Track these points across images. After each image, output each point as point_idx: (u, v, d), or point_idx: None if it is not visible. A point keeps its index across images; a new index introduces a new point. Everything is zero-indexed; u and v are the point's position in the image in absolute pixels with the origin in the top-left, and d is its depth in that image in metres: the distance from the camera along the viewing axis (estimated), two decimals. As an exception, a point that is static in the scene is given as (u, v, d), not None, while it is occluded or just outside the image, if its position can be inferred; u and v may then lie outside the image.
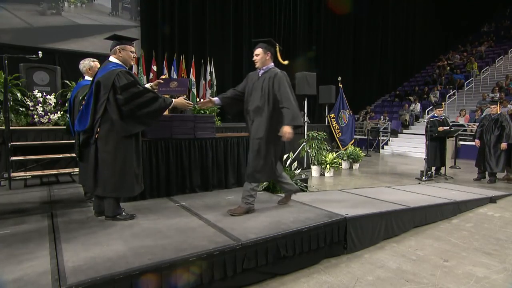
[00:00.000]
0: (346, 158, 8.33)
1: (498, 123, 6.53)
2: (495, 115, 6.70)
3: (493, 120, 6.66)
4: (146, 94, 2.93)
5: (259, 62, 3.35)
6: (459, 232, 3.86)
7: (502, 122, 6.48)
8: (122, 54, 3.02)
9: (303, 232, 2.87)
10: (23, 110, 5.27)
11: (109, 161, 2.90)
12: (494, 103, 6.94)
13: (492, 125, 6.62)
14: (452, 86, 16.30)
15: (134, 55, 3.14)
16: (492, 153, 6.59)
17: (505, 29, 20.80)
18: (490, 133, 6.66)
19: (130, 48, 3.06)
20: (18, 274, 2.00)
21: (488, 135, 6.69)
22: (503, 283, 2.65)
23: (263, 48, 3.32)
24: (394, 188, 5.32)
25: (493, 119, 6.66)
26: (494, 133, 6.60)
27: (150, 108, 2.94)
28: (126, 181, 2.98)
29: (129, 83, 2.86)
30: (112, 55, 3.04)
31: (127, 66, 3.09)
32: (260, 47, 3.33)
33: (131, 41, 3.11)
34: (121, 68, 2.96)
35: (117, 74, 2.86)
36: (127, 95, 2.84)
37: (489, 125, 6.69)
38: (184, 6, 12.25)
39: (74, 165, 5.10)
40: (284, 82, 3.21)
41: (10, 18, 9.43)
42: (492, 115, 6.75)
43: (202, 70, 11.76)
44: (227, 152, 4.55)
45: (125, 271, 2.05)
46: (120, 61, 3.02)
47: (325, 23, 16.76)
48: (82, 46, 10.40)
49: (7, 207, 3.52)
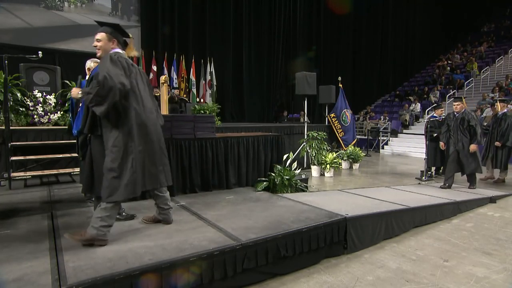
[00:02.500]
0: (346, 158, 8.32)
1: (465, 123, 5.67)
2: (459, 114, 5.82)
3: (458, 119, 5.79)
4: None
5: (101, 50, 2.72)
6: (459, 232, 3.86)
7: (469, 121, 5.64)
8: None
9: (303, 232, 2.87)
10: (23, 110, 5.27)
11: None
12: (457, 99, 6.02)
13: (459, 125, 5.75)
14: (452, 86, 16.30)
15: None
16: (465, 155, 5.63)
17: (505, 29, 20.80)
18: (457, 134, 5.73)
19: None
20: (18, 274, 2.00)
21: (455, 137, 5.75)
22: (503, 283, 2.65)
23: (107, 33, 2.73)
24: (394, 188, 5.32)
25: (458, 119, 5.80)
26: (464, 135, 5.66)
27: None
28: None
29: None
30: None
31: None
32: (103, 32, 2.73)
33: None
34: None
35: None
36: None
37: (455, 125, 5.81)
38: (184, 6, 12.26)
39: (74, 165, 5.11)
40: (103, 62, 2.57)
41: (10, 18, 9.43)
42: (456, 113, 5.87)
43: (202, 70, 11.77)
44: (227, 152, 4.55)
45: (125, 271, 2.05)
46: None
47: (325, 23, 16.76)
48: (82, 46, 10.40)
49: (7, 207, 3.52)
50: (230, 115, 13.33)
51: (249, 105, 14.26)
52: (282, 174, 4.62)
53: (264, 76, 14.90)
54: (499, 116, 6.88)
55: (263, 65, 14.81)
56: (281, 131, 7.73)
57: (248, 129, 7.39)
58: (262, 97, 14.85)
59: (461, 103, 5.89)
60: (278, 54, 15.21)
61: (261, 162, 4.89)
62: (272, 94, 15.27)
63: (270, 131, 7.18)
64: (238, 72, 13.93)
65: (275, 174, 4.65)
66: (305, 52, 15.73)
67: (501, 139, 6.63)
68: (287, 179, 4.59)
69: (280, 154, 5.11)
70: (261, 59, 14.71)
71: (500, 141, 6.64)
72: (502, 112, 6.90)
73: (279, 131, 7.57)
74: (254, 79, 14.46)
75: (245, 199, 3.98)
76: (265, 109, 15.01)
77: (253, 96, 14.38)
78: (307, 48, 15.98)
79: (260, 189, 4.50)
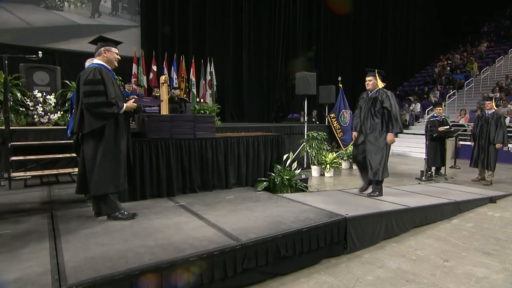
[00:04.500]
0: (346, 158, 8.32)
1: (378, 105, 4.28)
2: (372, 93, 4.40)
3: (370, 100, 4.38)
4: (101, 97, 2.92)
5: None
6: (459, 232, 3.85)
7: (383, 102, 4.21)
8: (107, 55, 3.12)
9: (303, 232, 2.87)
10: (23, 110, 5.27)
11: (90, 159, 2.95)
12: (370, 74, 4.44)
13: (370, 107, 4.37)
14: (452, 86, 16.30)
15: (118, 57, 3.22)
16: (373, 149, 4.34)
17: (505, 29, 20.79)
18: (367, 120, 4.38)
19: (114, 49, 3.16)
20: (18, 274, 2.00)
21: (366, 124, 4.42)
22: (503, 283, 2.65)
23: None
24: (394, 188, 5.32)
25: (371, 99, 4.38)
26: (374, 117, 4.32)
27: (98, 111, 2.91)
28: (112, 178, 3.01)
29: (95, 79, 2.92)
30: (97, 56, 3.14)
31: (111, 66, 3.17)
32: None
33: (116, 43, 3.20)
34: (100, 66, 3.03)
35: (91, 70, 2.95)
36: (87, 89, 2.91)
37: (366, 107, 4.44)
38: (184, 6, 12.26)
39: (74, 165, 5.10)
40: None
41: (10, 18, 9.43)
42: (370, 92, 4.46)
43: (202, 70, 11.77)
44: (227, 152, 4.55)
45: (125, 271, 2.05)
46: (104, 62, 3.11)
47: (324, 23, 16.77)
48: (82, 46, 10.37)
49: (7, 207, 3.52)
50: (230, 115, 13.33)
51: (249, 105, 14.25)
52: (282, 174, 4.62)
53: (264, 76, 14.90)
54: (488, 115, 6.60)
55: (263, 65, 14.81)
56: (281, 131, 7.73)
57: (248, 129, 7.39)
58: (262, 97, 14.85)
59: (373, 78, 4.36)
60: (278, 54, 15.21)
61: (261, 162, 4.89)
62: (272, 94, 15.27)
63: (270, 131, 7.18)
64: (238, 72, 13.92)
65: (275, 174, 4.65)
66: (305, 52, 15.72)
67: (499, 140, 6.34)
68: (287, 179, 4.59)
69: (280, 154, 5.10)
70: (261, 59, 14.70)
71: (499, 142, 6.35)
72: (491, 112, 6.61)
73: (279, 131, 7.57)
74: (254, 79, 14.46)
75: (245, 199, 3.97)
76: (265, 109, 15.01)
77: (253, 96, 14.38)
78: (307, 48, 15.97)
79: (260, 189, 4.50)
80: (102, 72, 2.98)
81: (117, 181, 3.06)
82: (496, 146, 6.39)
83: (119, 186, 3.10)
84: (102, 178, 2.97)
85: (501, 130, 6.37)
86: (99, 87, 2.92)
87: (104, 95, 2.93)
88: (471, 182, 6.76)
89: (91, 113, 2.90)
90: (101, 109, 2.92)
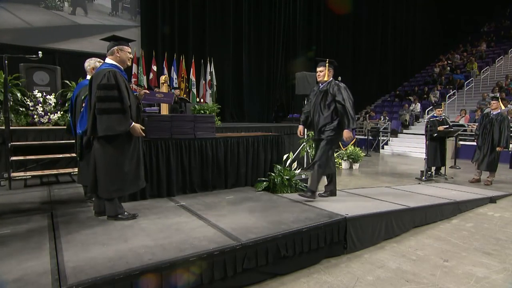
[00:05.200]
0: (346, 158, 8.32)
1: (328, 98, 3.98)
2: (323, 85, 4.09)
3: (321, 93, 4.07)
4: (116, 103, 2.88)
5: None
6: (459, 232, 3.86)
7: (335, 95, 3.92)
8: (120, 55, 3.06)
9: (303, 232, 2.87)
10: (23, 110, 5.27)
11: (103, 161, 2.93)
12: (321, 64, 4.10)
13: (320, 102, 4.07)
14: (452, 86, 16.30)
15: (131, 56, 3.17)
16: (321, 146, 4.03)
17: (505, 29, 20.80)
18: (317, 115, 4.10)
19: (127, 49, 3.11)
20: (18, 274, 2.00)
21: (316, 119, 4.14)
22: (503, 283, 2.65)
23: None
24: (394, 188, 5.32)
25: (321, 92, 4.07)
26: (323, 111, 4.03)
27: (111, 117, 2.87)
28: (123, 181, 2.99)
29: (109, 84, 2.88)
30: (109, 56, 3.07)
31: (124, 66, 3.13)
32: None
33: (129, 42, 3.16)
34: (114, 68, 2.99)
35: (105, 73, 2.90)
36: (101, 94, 2.87)
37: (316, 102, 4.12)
38: (184, 6, 12.25)
39: (74, 165, 5.10)
40: None
41: (10, 18, 9.43)
42: (321, 84, 4.13)
43: (202, 70, 11.76)
44: (227, 152, 4.55)
45: (125, 271, 2.05)
46: (116, 62, 3.06)
47: (324, 23, 16.76)
48: (82, 46, 10.41)
49: (7, 207, 3.52)
50: (230, 115, 13.33)
51: (249, 105, 14.25)
52: (282, 174, 4.62)
53: (264, 76, 14.89)
54: (492, 116, 6.54)
55: (263, 65, 14.80)
56: (281, 131, 7.73)
57: (248, 129, 7.40)
58: (262, 97, 14.85)
59: (324, 69, 4.09)
60: (278, 54, 15.20)
61: (261, 162, 4.89)
62: (272, 94, 15.27)
63: (270, 131, 7.18)
64: (238, 72, 13.92)
65: (275, 174, 4.65)
66: (305, 52, 15.72)
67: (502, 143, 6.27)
68: (287, 179, 4.59)
69: (280, 154, 5.10)
70: (261, 59, 14.70)
71: (501, 145, 6.29)
72: (496, 112, 6.53)
73: (279, 131, 7.57)
74: (254, 79, 14.45)
75: (245, 199, 3.97)
76: (265, 109, 15.01)
77: (253, 96, 14.38)
78: (307, 48, 15.97)
79: (260, 189, 4.49)
80: (117, 76, 2.92)
81: (130, 183, 3.06)
82: (497, 149, 6.37)
83: (132, 187, 3.12)
84: (113, 180, 2.95)
85: (504, 133, 6.31)
86: (113, 93, 2.88)
87: (118, 101, 2.89)
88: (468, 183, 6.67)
89: (104, 119, 2.86)
90: (114, 116, 2.87)
